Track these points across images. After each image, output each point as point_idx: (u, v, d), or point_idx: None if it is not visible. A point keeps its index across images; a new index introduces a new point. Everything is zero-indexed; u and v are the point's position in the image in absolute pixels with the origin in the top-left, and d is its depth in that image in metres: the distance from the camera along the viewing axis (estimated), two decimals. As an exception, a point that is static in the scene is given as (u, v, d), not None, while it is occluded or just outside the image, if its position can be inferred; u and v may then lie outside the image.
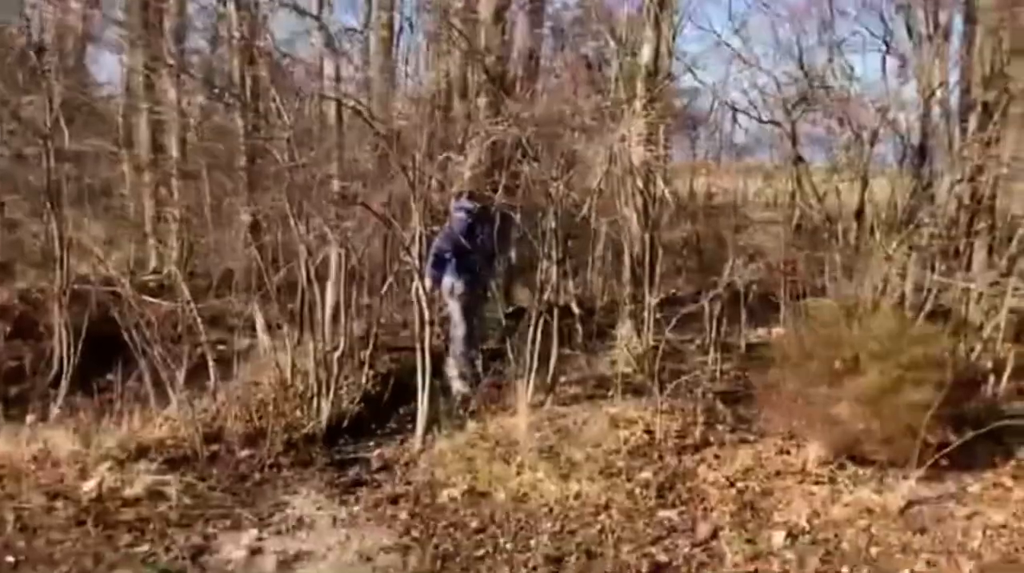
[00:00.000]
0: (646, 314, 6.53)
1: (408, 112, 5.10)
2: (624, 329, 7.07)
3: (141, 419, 5.63)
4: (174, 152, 10.86)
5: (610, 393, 6.18)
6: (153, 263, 11.75)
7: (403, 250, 5.26)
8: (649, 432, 5.48)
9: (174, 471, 5.08)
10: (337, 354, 5.94)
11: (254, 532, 4.47)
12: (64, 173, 7.78)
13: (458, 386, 6.64)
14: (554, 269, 5.74)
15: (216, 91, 7.59)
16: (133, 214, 11.44)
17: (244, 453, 5.52)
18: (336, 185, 6.25)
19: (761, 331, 8.73)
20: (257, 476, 5.28)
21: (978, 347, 5.81)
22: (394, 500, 4.94)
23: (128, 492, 4.73)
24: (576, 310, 6.58)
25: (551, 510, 4.76)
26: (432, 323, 5.46)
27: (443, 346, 7.39)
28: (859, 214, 6.27)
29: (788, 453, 5.42)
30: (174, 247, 10.42)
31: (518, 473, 5.07)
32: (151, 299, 7.97)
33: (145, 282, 10.26)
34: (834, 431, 5.16)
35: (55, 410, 5.99)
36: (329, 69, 6.81)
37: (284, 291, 6.75)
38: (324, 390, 5.96)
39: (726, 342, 7.63)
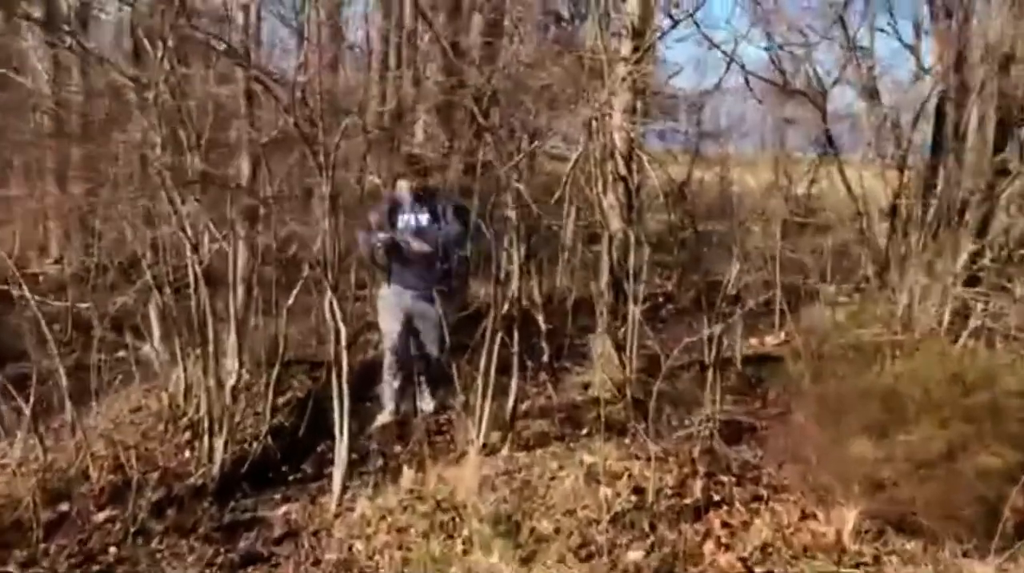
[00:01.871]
0: (628, 328, 5.26)
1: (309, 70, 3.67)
2: (600, 345, 5.79)
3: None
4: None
5: (585, 431, 4.92)
6: (55, 251, 10.30)
7: (306, 251, 3.91)
8: (638, 490, 4.21)
9: (-8, 550, 3.72)
10: (232, 380, 4.58)
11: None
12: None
13: (382, 418, 5.30)
14: (516, 272, 4.42)
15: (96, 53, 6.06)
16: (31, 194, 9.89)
17: (103, 515, 4.17)
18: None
19: (752, 340, 7.60)
20: (113, 552, 3.91)
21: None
22: (294, 594, 3.62)
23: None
24: (543, 324, 5.26)
25: (509, 614, 3.48)
26: (351, 345, 4.10)
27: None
28: (893, 211, 5.04)
29: (815, 518, 4.20)
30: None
31: (465, 552, 3.77)
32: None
33: (34, 274, 8.84)
34: (879, 497, 3.96)
35: None
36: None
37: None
38: (218, 425, 4.61)
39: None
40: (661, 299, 6.59)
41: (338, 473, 4.24)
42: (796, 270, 8.53)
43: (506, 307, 4.38)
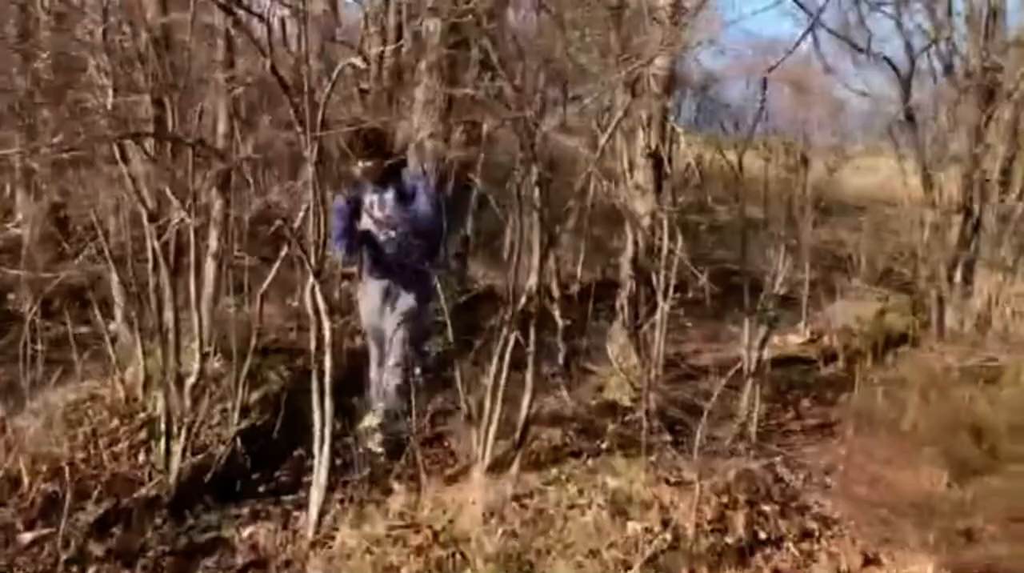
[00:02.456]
0: (657, 325, 4.59)
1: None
2: (618, 343, 5.12)
3: None
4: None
5: (604, 445, 4.25)
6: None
7: (286, 228, 3.19)
8: (669, 524, 3.55)
9: None
10: (194, 376, 3.87)
11: None
12: None
13: (368, 419, 4.58)
14: (536, 263, 3.72)
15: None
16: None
17: (30, 536, 3.48)
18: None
19: (775, 339, 6.95)
20: (38, 585, 3.24)
21: None
22: (255, 649, 2.96)
23: None
24: (560, 319, 4.56)
25: None
26: (334, 343, 3.39)
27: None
28: (967, 212, 4.33)
29: (878, 564, 3.57)
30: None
31: (467, 600, 3.12)
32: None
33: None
34: (964, 548, 3.33)
35: None
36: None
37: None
38: (177, 426, 3.91)
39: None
40: (690, 294, 5.90)
41: (316, 493, 3.55)
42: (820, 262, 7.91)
43: (523, 301, 3.68)
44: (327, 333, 3.34)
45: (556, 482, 3.76)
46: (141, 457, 4.12)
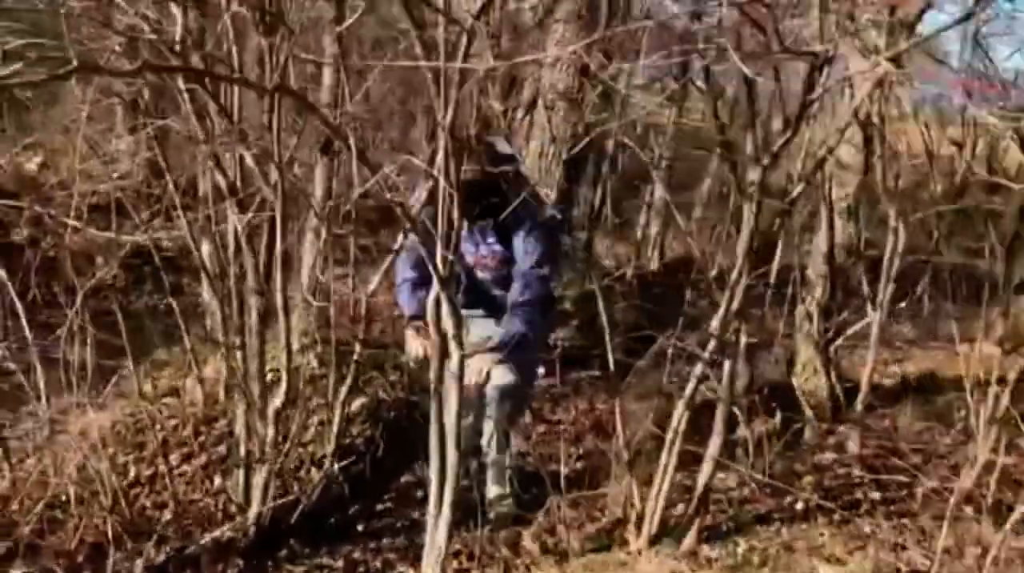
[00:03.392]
0: (871, 343, 3.54)
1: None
2: (802, 361, 4.09)
3: None
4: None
5: (797, 502, 3.26)
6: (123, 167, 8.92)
7: (402, 214, 2.24)
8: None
9: None
10: (279, 399, 3.02)
11: None
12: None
13: (499, 507, 3.41)
14: (742, 278, 2.71)
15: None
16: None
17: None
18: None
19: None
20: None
21: None
22: None
23: None
24: (744, 336, 3.53)
25: None
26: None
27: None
28: None
29: None
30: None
31: None
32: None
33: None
34: None
35: None
36: None
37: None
38: (258, 455, 3.10)
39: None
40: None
41: (430, 561, 2.67)
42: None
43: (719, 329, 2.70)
44: (455, 357, 2.44)
45: (746, 567, 2.80)
46: (217, 481, 3.37)
